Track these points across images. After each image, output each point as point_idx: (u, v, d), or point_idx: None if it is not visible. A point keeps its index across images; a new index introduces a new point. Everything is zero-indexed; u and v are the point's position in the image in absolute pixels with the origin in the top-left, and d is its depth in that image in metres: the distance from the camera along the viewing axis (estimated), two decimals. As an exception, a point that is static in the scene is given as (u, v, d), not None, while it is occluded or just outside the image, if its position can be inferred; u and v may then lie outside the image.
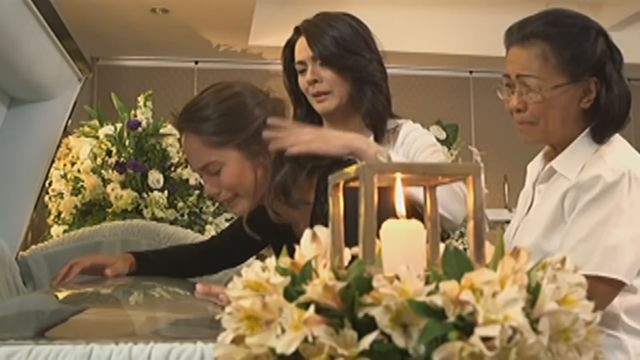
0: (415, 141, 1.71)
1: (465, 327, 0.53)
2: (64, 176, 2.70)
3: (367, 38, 1.71)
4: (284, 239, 1.55)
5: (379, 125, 1.70)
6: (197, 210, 2.73)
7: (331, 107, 1.70)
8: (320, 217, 1.40)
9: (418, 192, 0.70)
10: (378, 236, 0.62)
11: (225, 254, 1.74)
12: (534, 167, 1.56)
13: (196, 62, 5.29)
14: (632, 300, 1.34)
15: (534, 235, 1.40)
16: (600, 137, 1.39)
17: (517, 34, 1.41)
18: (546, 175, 1.46)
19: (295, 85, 1.75)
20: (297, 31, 1.73)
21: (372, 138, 1.71)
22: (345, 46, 1.67)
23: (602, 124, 1.39)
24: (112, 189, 2.61)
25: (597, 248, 1.28)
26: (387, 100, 1.73)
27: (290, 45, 1.75)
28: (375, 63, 1.71)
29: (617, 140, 1.42)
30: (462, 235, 3.19)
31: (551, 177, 1.45)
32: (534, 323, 0.55)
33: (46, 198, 2.67)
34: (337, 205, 0.65)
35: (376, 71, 1.70)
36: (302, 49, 1.71)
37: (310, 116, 1.77)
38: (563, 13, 1.43)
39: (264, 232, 1.56)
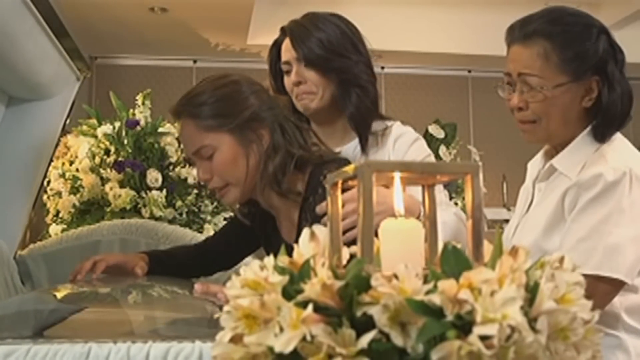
0: (410, 148, 1.69)
1: (464, 325, 0.53)
2: (63, 175, 2.69)
3: (354, 40, 1.68)
4: (272, 240, 1.57)
5: (363, 130, 1.67)
6: (195, 209, 2.73)
7: (312, 106, 1.67)
8: (308, 212, 1.42)
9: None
10: (376, 235, 0.62)
11: (219, 256, 1.75)
12: (535, 164, 1.55)
13: (195, 61, 5.29)
14: (633, 299, 1.34)
15: (534, 234, 1.39)
16: (601, 136, 1.39)
17: (519, 32, 1.40)
18: (546, 173, 1.46)
19: (281, 86, 1.72)
20: (283, 32, 1.71)
21: (357, 141, 1.70)
22: (331, 48, 1.64)
23: (603, 122, 1.38)
24: (111, 188, 2.61)
25: (597, 247, 1.28)
26: (373, 104, 1.69)
27: (277, 46, 1.73)
28: (362, 65, 1.67)
29: (619, 139, 1.41)
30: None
31: (551, 175, 1.44)
32: (532, 322, 0.55)
33: (44, 197, 2.67)
34: (335, 204, 0.65)
35: (362, 73, 1.67)
36: (287, 50, 1.68)
37: (297, 117, 1.74)
38: (565, 11, 1.43)
39: (251, 236, 1.58)
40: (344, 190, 0.67)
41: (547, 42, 1.36)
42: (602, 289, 1.26)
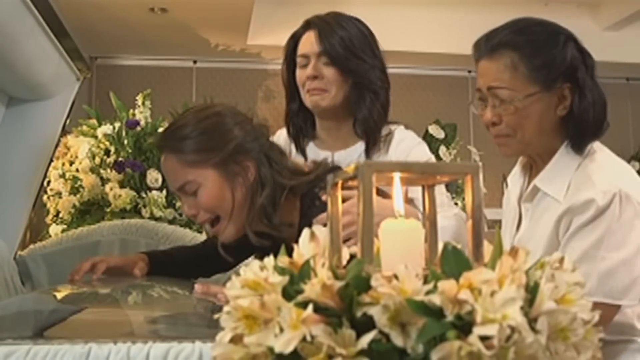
0: (411, 152, 1.69)
1: (464, 326, 0.53)
2: (63, 175, 2.69)
3: (373, 45, 1.71)
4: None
5: (373, 134, 1.69)
6: (195, 209, 2.72)
7: (322, 104, 1.68)
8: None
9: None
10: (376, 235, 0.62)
11: (218, 257, 1.74)
12: (515, 180, 1.53)
13: (195, 62, 5.29)
14: None
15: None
16: (577, 146, 1.36)
17: (485, 46, 1.38)
18: (531, 194, 1.43)
19: (293, 79, 1.74)
20: (307, 25, 1.72)
21: (363, 146, 1.70)
22: (352, 49, 1.66)
23: (576, 132, 1.36)
24: (111, 188, 2.61)
25: (591, 274, 1.26)
26: (384, 110, 1.71)
27: (295, 38, 1.73)
28: (378, 71, 1.69)
29: (599, 151, 1.39)
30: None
31: (536, 196, 1.41)
32: (532, 322, 0.55)
33: (44, 197, 2.67)
34: (335, 204, 0.65)
35: (377, 79, 1.69)
36: (308, 43, 1.69)
37: (303, 112, 1.76)
38: (530, 21, 1.40)
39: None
40: (343, 200, 0.67)
41: (514, 52, 1.34)
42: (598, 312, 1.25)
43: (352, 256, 0.63)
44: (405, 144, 1.71)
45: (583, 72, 1.35)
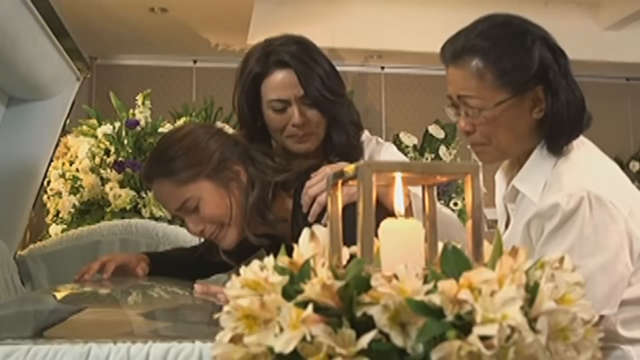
0: (381, 157, 1.64)
1: (464, 326, 0.53)
2: (63, 175, 2.70)
3: (338, 73, 1.59)
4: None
5: (353, 156, 1.57)
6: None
7: (312, 148, 1.57)
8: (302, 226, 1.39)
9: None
10: (376, 235, 0.62)
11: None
12: (500, 179, 1.49)
13: (195, 61, 5.28)
14: (627, 311, 1.28)
15: None
16: (553, 148, 1.31)
17: (449, 52, 1.33)
18: (511, 194, 1.39)
19: (253, 121, 1.58)
20: (276, 64, 1.55)
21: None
22: (330, 87, 1.54)
23: (553, 134, 1.30)
24: (111, 188, 2.61)
25: None
26: (360, 131, 1.64)
27: (258, 77, 1.56)
28: (347, 100, 1.61)
29: (577, 148, 1.33)
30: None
31: (517, 197, 1.37)
32: (532, 322, 0.55)
33: (44, 197, 2.67)
34: (335, 204, 0.65)
35: (352, 111, 1.61)
36: (286, 87, 1.52)
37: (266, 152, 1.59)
38: (494, 21, 1.34)
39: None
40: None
41: (478, 59, 1.28)
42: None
43: (352, 256, 0.63)
44: (375, 152, 1.65)
45: (555, 72, 1.29)
